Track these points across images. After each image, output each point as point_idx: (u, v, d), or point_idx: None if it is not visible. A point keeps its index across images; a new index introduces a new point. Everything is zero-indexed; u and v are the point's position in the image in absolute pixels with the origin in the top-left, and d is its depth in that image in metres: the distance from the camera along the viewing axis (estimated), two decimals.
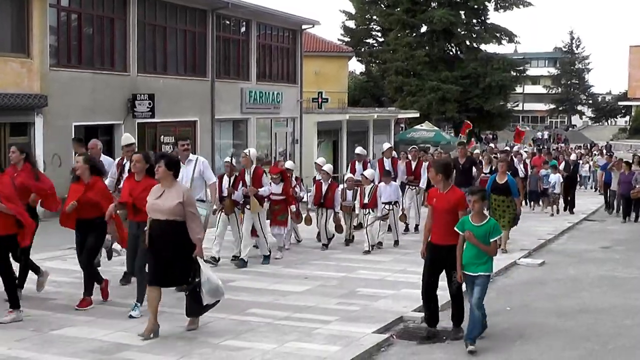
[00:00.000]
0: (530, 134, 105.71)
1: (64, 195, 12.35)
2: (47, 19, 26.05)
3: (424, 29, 71.27)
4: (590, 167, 47.52)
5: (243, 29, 38.81)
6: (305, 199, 20.49)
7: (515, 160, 29.25)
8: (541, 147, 67.54)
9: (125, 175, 13.86)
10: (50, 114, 25.66)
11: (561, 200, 30.38)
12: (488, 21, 72.60)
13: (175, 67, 33.55)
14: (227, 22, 37.46)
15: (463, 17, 70.84)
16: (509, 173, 19.62)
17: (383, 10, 71.66)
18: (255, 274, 15.49)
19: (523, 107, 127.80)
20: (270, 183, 17.36)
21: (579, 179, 32.53)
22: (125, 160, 14.54)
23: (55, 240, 16.48)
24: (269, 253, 16.92)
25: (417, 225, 22.28)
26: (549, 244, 21.39)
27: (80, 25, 28.41)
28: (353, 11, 75.63)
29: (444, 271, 11.00)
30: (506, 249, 18.69)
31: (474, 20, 72.26)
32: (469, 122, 52.16)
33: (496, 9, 72.35)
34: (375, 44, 77.10)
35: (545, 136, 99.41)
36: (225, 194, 16.41)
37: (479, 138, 77.03)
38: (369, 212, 18.90)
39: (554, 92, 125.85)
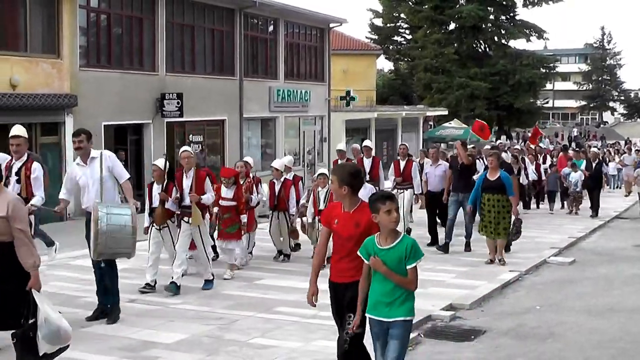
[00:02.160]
0: (566, 131, 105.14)
1: None
2: (77, 19, 26.19)
3: (452, 25, 71.14)
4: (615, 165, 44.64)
5: (271, 28, 38.85)
6: (254, 203, 16.53)
7: (527, 160, 27.41)
8: (573, 144, 67.00)
9: (13, 178, 12.32)
10: (80, 114, 25.75)
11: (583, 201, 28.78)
12: (517, 17, 72.33)
13: (204, 66, 33.63)
14: (255, 21, 37.48)
15: (492, 13, 70.55)
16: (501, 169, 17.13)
17: (411, 8, 71.48)
18: (282, 272, 15.47)
19: (553, 104, 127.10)
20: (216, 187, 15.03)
21: (605, 178, 29.68)
22: (14, 160, 12.59)
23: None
24: (212, 277, 14.00)
25: (409, 230, 19.14)
26: (580, 242, 21.14)
27: (110, 26, 28.53)
28: (380, 9, 75.52)
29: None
30: (504, 260, 16.61)
31: (503, 17, 72.02)
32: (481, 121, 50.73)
33: (525, 5, 72.00)
34: (403, 42, 77.00)
35: (576, 133, 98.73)
36: (155, 203, 13.80)
37: (509, 136, 76.73)
38: None
39: (584, 88, 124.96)
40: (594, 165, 27.81)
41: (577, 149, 36.74)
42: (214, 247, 15.91)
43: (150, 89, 29.46)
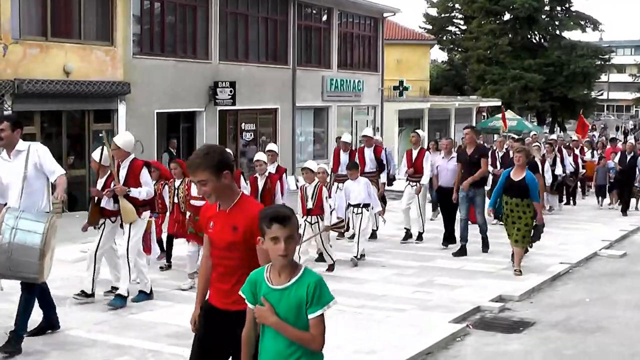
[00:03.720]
0: (614, 122, 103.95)
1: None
2: (131, 7, 26.38)
3: (506, 16, 70.73)
4: None
5: (324, 17, 38.82)
6: None
7: (565, 152, 26.02)
8: (630, 136, 65.87)
9: None
10: (133, 101, 26.00)
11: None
12: (572, 8, 71.77)
13: (257, 55, 33.70)
14: (309, 10, 37.50)
15: (546, 3, 70.08)
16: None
17: None
18: None
19: (608, 96, 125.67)
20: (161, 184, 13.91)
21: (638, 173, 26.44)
22: None
23: None
24: (126, 294, 11.56)
25: (420, 234, 18.30)
26: (632, 235, 20.84)
27: (163, 14, 28.73)
28: None
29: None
30: (521, 270, 14.48)
31: (558, 8, 71.50)
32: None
33: None
34: (458, 32, 76.66)
35: (630, 125, 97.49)
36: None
37: (563, 127, 76.05)
38: (317, 221, 14.30)
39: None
40: (628, 158, 25.98)
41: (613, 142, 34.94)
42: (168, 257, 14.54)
43: (203, 77, 29.59)
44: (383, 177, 18.40)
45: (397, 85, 49.55)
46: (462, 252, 16.41)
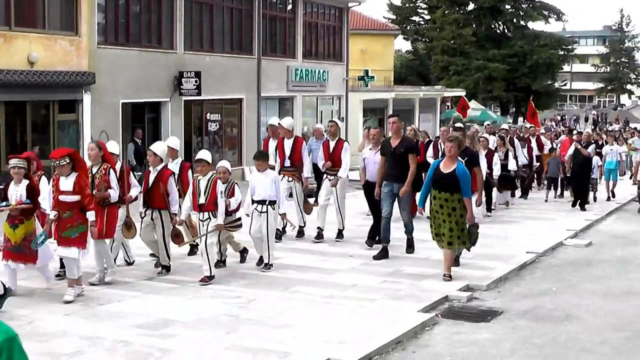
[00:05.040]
0: (581, 113, 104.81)
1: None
2: None
3: (471, 6, 71.09)
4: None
5: (289, 7, 38.74)
6: (114, 198, 12.56)
7: (518, 143, 24.78)
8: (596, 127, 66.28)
9: None
10: (98, 91, 25.81)
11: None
12: None
13: (222, 45, 33.56)
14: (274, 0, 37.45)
15: None
16: (463, 160, 13.59)
17: None
18: (300, 252, 15.48)
19: (571, 86, 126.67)
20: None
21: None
22: None
23: None
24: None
25: (340, 231, 16.95)
26: (596, 225, 21.03)
27: (128, 3, 28.51)
28: None
29: None
30: (450, 275, 13.01)
31: None
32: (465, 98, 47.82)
33: None
34: (422, 22, 76.87)
35: (594, 116, 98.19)
36: None
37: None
38: (209, 218, 12.79)
39: (602, 71, 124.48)
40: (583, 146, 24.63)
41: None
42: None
43: (169, 67, 29.44)
44: (307, 172, 16.92)
45: (362, 76, 49.63)
46: (384, 254, 14.89)
